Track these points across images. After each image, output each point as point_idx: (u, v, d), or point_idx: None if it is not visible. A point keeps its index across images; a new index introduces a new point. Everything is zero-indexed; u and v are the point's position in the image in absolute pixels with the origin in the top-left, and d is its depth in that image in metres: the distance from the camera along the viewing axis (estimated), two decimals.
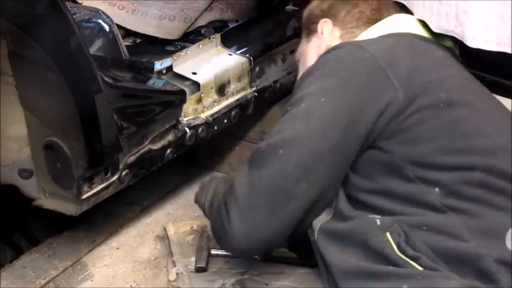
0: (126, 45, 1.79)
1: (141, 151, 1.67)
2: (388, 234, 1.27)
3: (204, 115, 1.84)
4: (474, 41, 1.41)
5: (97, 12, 1.70)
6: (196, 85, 1.80)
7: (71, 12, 1.45)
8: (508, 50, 1.37)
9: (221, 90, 1.86)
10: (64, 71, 1.40)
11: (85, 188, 1.55)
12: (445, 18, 1.47)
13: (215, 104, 1.87)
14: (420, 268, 1.22)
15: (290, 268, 1.79)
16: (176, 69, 1.78)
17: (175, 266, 1.83)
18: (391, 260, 1.24)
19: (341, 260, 1.30)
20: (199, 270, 1.79)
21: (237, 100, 1.92)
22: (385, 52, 1.36)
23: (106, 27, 1.69)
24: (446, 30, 1.47)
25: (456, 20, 1.45)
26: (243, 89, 1.94)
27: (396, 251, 1.25)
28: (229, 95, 1.90)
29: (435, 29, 1.49)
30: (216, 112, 1.86)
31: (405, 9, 1.57)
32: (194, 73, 1.80)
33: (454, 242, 1.25)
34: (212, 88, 1.83)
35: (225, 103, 1.89)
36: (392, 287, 1.20)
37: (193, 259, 1.84)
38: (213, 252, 1.81)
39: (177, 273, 1.80)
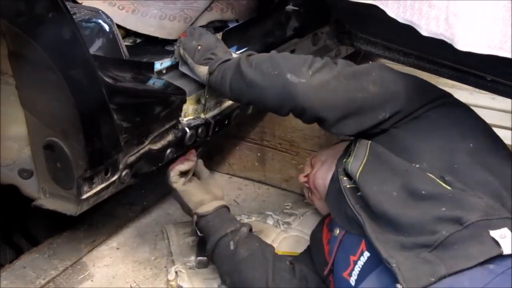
0: (126, 45, 1.78)
1: (141, 151, 1.67)
2: (428, 173, 1.43)
3: (207, 116, 1.84)
4: (464, 44, 1.40)
5: (97, 12, 1.70)
6: (198, 85, 1.80)
7: (71, 12, 1.45)
8: (499, 53, 1.36)
9: None
10: (64, 71, 1.40)
11: (85, 188, 1.55)
12: (435, 22, 1.46)
13: (218, 105, 1.87)
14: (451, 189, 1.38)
15: None
16: (182, 68, 1.79)
17: (174, 265, 1.83)
18: (429, 183, 1.40)
19: (382, 191, 1.44)
20: (201, 263, 1.78)
21: None
22: None
23: (106, 27, 1.69)
24: (435, 34, 1.46)
25: (446, 23, 1.44)
26: None
27: (435, 179, 1.41)
28: None
29: (424, 33, 1.48)
30: (218, 114, 1.87)
31: None
32: None
33: (478, 172, 1.43)
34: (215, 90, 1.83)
35: (227, 103, 1.89)
36: (428, 208, 1.35)
37: (192, 258, 1.84)
38: None
39: (176, 272, 1.80)
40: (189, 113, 1.80)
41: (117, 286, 1.81)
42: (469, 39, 1.39)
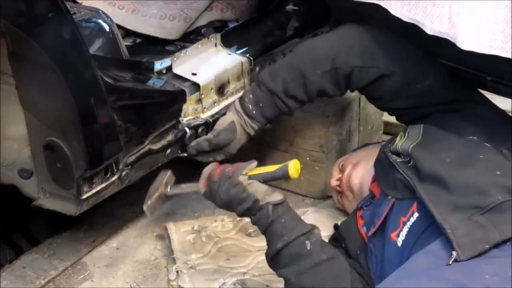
0: (126, 45, 1.78)
1: (141, 151, 1.67)
2: (485, 143, 1.49)
3: (204, 115, 1.84)
4: (467, 44, 1.41)
5: (97, 12, 1.70)
6: (196, 86, 1.80)
7: (71, 12, 1.45)
8: (501, 53, 1.37)
9: (221, 90, 1.87)
10: (64, 71, 1.40)
11: (85, 188, 1.55)
12: (439, 20, 1.46)
13: (215, 104, 1.87)
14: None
15: None
16: (175, 70, 1.78)
17: (175, 263, 1.83)
18: (486, 149, 1.46)
19: (435, 158, 1.48)
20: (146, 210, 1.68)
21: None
22: None
23: (106, 27, 1.69)
24: (439, 33, 1.47)
25: (449, 22, 1.44)
26: (242, 88, 1.94)
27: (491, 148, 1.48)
28: (229, 95, 1.90)
29: (429, 31, 1.49)
30: (216, 113, 1.87)
31: None
32: (194, 74, 1.80)
33: None
34: (212, 88, 1.83)
35: (224, 103, 1.89)
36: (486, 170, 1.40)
37: (193, 256, 1.84)
38: (169, 192, 1.69)
39: (177, 271, 1.80)
40: (189, 113, 1.80)
41: (117, 286, 1.81)
42: (471, 39, 1.39)
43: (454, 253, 1.27)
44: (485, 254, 1.26)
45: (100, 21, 1.68)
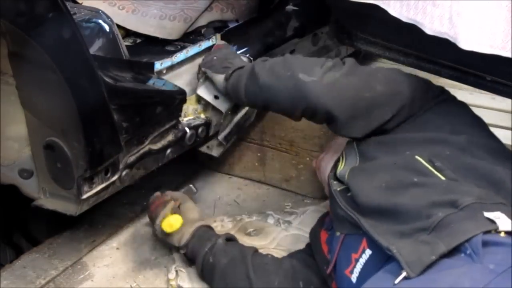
0: (126, 45, 1.78)
1: (141, 151, 1.67)
2: (417, 156, 1.46)
3: (220, 138, 1.89)
4: (467, 44, 1.41)
5: (97, 12, 1.70)
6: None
7: (71, 12, 1.45)
8: (501, 53, 1.37)
9: (235, 109, 1.89)
10: (64, 71, 1.40)
11: (85, 188, 1.55)
12: (439, 20, 1.46)
13: (228, 124, 1.91)
14: (444, 178, 1.40)
15: None
16: (199, 91, 1.80)
17: (174, 262, 1.83)
18: (419, 170, 1.42)
19: (371, 187, 1.45)
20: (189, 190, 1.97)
21: (246, 113, 1.95)
22: None
23: (106, 27, 1.69)
24: (439, 33, 1.47)
25: (449, 22, 1.44)
26: None
27: (424, 162, 1.43)
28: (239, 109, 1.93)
29: (428, 31, 1.49)
30: (229, 133, 1.92)
31: None
32: (216, 97, 1.81)
33: (472, 159, 1.45)
34: (230, 112, 1.86)
35: (236, 119, 1.93)
36: (422, 195, 1.36)
37: None
38: None
39: (176, 271, 1.80)
40: (189, 113, 1.80)
41: (117, 286, 1.81)
42: (472, 39, 1.39)
43: (403, 272, 1.26)
44: (438, 267, 1.25)
45: (100, 21, 1.68)
